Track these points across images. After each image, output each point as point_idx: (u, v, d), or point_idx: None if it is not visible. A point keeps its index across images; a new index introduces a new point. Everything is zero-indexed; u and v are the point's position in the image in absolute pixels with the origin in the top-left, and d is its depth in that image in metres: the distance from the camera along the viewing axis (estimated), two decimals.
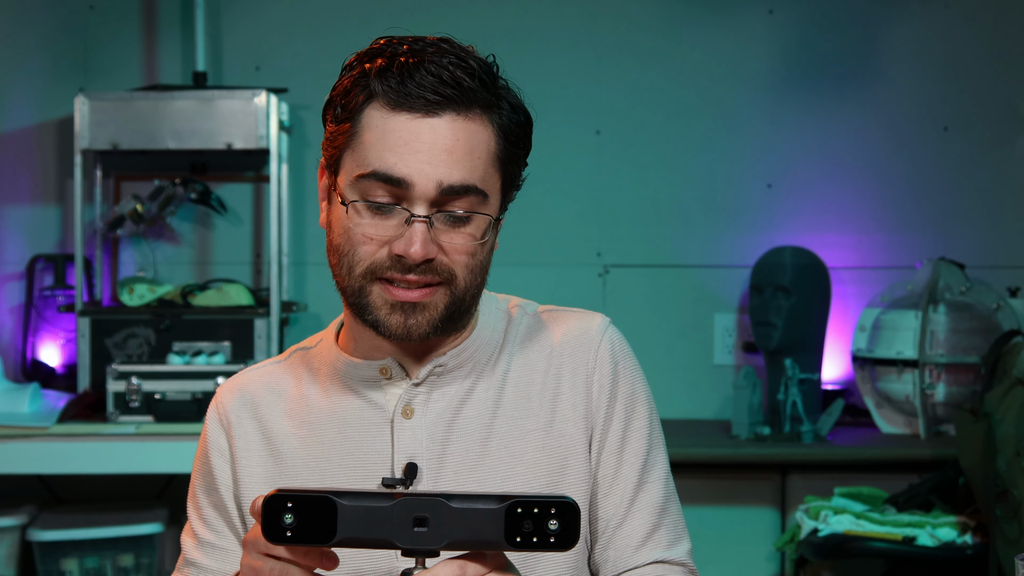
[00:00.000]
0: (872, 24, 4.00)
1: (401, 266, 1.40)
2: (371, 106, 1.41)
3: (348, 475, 1.48)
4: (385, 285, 1.42)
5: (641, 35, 4.00)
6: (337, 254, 1.44)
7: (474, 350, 1.52)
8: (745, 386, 3.59)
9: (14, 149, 3.95)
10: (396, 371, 1.49)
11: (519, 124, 1.47)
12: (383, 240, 1.41)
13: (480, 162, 1.42)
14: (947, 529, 3.06)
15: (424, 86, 1.39)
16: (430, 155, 1.39)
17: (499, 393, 1.51)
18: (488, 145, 1.43)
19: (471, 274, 1.44)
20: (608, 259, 4.01)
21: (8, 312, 3.93)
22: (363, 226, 1.41)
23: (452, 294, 1.43)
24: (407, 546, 1.18)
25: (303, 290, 3.99)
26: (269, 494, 1.19)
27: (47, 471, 3.56)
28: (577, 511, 1.19)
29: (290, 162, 3.92)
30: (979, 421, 3.00)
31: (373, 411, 1.50)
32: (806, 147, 4.00)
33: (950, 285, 3.71)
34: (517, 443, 1.49)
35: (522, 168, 1.50)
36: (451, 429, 1.49)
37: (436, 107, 1.39)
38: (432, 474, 1.47)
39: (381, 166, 1.40)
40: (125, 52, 3.97)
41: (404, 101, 1.39)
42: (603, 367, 1.53)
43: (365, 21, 3.96)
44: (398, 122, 1.40)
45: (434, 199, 1.40)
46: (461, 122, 1.40)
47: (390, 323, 1.43)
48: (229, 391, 1.56)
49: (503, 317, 1.57)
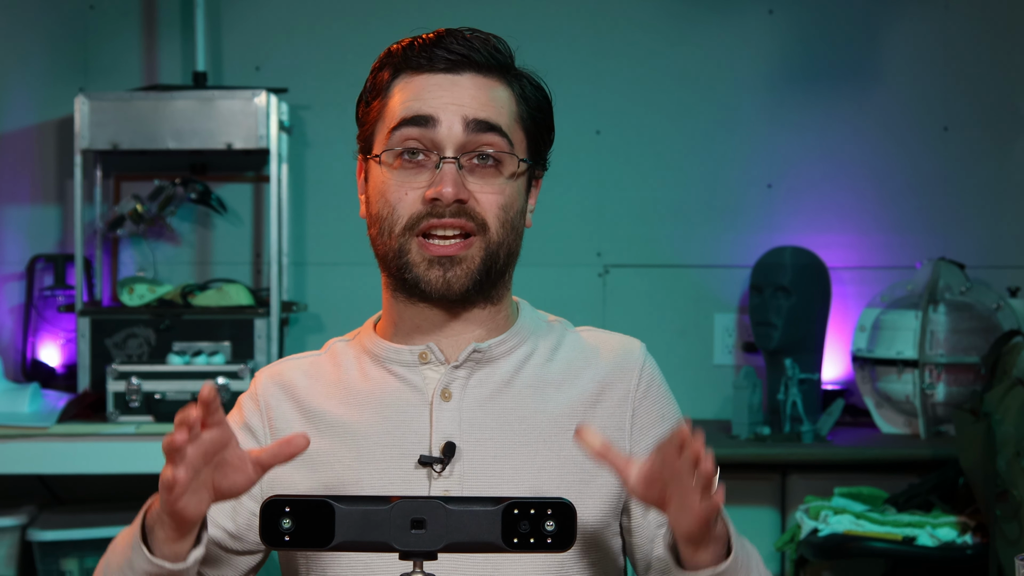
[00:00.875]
0: (872, 24, 4.00)
1: (436, 212, 1.47)
2: (398, 78, 1.52)
3: (386, 454, 1.50)
4: (423, 241, 1.48)
5: (641, 35, 4.00)
6: (377, 222, 1.51)
7: (514, 343, 1.56)
8: (745, 386, 3.59)
9: (14, 149, 3.95)
10: (435, 355, 1.53)
11: (539, 99, 1.56)
12: (418, 188, 1.48)
13: (504, 111, 1.51)
14: (947, 529, 3.06)
15: (446, 49, 1.49)
16: (454, 96, 1.48)
17: (539, 387, 1.54)
18: (509, 104, 1.52)
19: (503, 228, 1.50)
20: (608, 259, 4.01)
21: (8, 312, 3.93)
22: (397, 179, 1.49)
23: (487, 248, 1.49)
24: (405, 548, 1.19)
25: (303, 290, 3.99)
26: (266, 500, 1.19)
27: (47, 471, 3.56)
28: (573, 512, 1.19)
29: (290, 162, 3.92)
30: (979, 421, 3.00)
31: (412, 393, 1.53)
32: (806, 147, 4.00)
33: (950, 285, 3.71)
34: (555, 437, 1.52)
35: (548, 143, 1.59)
36: (489, 414, 1.52)
37: (457, 66, 1.49)
38: (470, 456, 1.49)
39: (407, 112, 1.48)
40: (125, 52, 3.97)
41: (427, 63, 1.50)
42: (643, 387, 1.58)
43: (365, 21, 3.96)
44: (422, 80, 1.50)
45: (462, 140, 1.48)
46: (482, 79, 1.51)
47: (430, 277, 1.48)
48: (267, 376, 1.59)
49: (544, 321, 1.62)
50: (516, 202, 1.52)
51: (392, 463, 1.49)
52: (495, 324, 1.55)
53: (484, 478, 1.49)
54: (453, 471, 1.48)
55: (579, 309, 3.94)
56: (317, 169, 3.99)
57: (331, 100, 3.94)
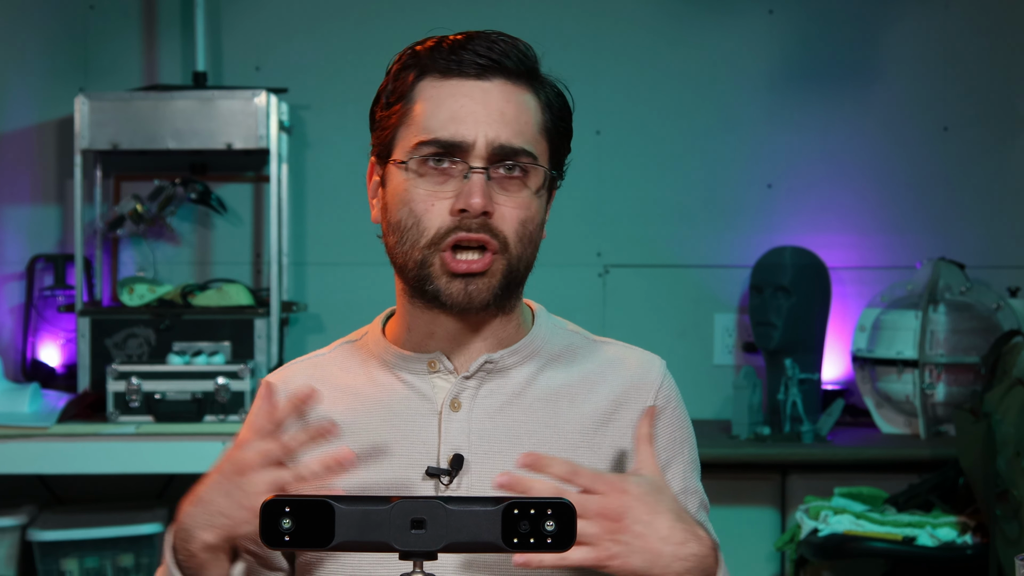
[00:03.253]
0: (872, 24, 4.00)
1: (464, 225, 1.44)
2: (423, 81, 1.47)
3: (392, 464, 1.49)
4: (448, 257, 1.45)
5: (641, 35, 4.00)
6: (399, 231, 1.47)
7: (527, 354, 1.54)
8: (745, 386, 3.59)
9: (14, 149, 3.95)
10: (444, 364, 1.51)
11: (562, 106, 1.54)
12: (445, 198, 1.45)
13: (529, 127, 1.48)
14: (947, 529, 3.06)
15: (475, 52, 1.46)
16: (485, 115, 1.45)
17: (551, 400, 1.53)
18: (536, 114, 1.50)
19: (521, 243, 1.48)
20: (608, 259, 4.01)
21: (8, 312, 3.93)
22: (424, 187, 1.45)
23: (508, 263, 1.47)
24: (405, 548, 1.19)
25: (303, 290, 3.99)
26: (267, 499, 1.19)
27: (47, 471, 3.56)
28: (573, 512, 1.19)
29: (290, 162, 3.92)
30: (979, 421, 3.00)
31: (421, 402, 1.51)
32: (806, 147, 4.00)
33: (950, 285, 3.71)
34: (565, 453, 1.49)
35: (566, 152, 1.57)
36: (499, 427, 1.50)
37: (487, 72, 1.46)
38: (479, 469, 1.48)
39: (438, 130, 1.45)
40: (125, 52, 3.97)
41: (455, 68, 1.46)
42: (659, 408, 1.54)
43: (365, 21, 3.96)
44: (451, 87, 1.46)
45: (488, 157, 1.45)
46: (511, 87, 1.47)
47: (451, 290, 1.46)
48: (277, 381, 1.57)
49: (563, 330, 1.60)
50: (537, 216, 1.50)
51: (399, 472, 1.48)
52: (507, 334, 1.53)
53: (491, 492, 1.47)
54: (460, 483, 1.47)
55: (579, 309, 3.94)
56: (317, 169, 3.99)
57: (331, 100, 3.94)
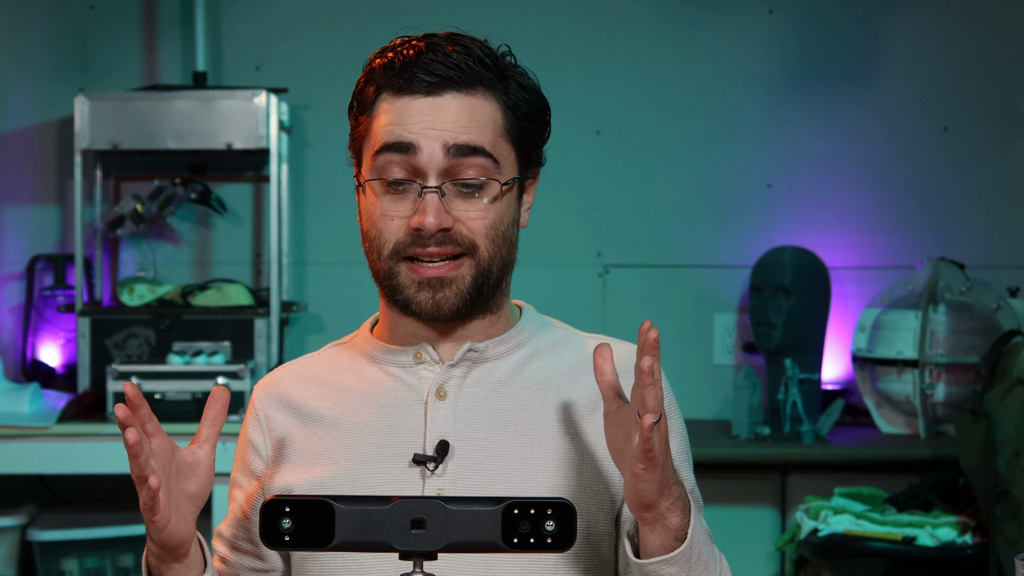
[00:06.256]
0: (872, 24, 4.00)
1: (421, 241, 1.46)
2: (380, 97, 1.49)
3: (380, 453, 1.51)
4: (411, 264, 1.48)
5: (641, 35, 4.00)
6: (367, 240, 1.51)
7: (513, 344, 1.56)
8: (745, 386, 3.59)
9: (14, 149, 3.95)
10: (429, 355, 1.53)
11: (530, 103, 1.52)
12: (402, 216, 1.47)
13: (487, 130, 1.48)
14: (947, 529, 3.06)
15: (425, 70, 1.46)
16: (435, 121, 1.46)
17: (537, 388, 1.54)
18: (494, 118, 1.49)
19: (493, 244, 1.49)
20: (608, 259, 4.01)
21: (8, 312, 3.93)
22: (382, 206, 1.48)
23: (477, 266, 1.48)
24: (405, 548, 1.19)
25: (303, 290, 3.99)
26: (266, 500, 1.19)
27: (47, 471, 3.56)
28: (573, 512, 1.19)
29: (290, 162, 3.92)
30: (979, 421, 3.00)
31: (407, 392, 1.53)
32: (806, 147, 4.00)
33: (950, 285, 3.71)
34: (551, 438, 1.51)
35: (539, 145, 1.55)
36: (484, 413, 1.52)
37: (437, 87, 1.46)
38: (464, 455, 1.49)
39: (389, 138, 1.46)
40: (125, 52, 3.97)
41: (407, 86, 1.47)
42: None
43: (365, 21, 3.96)
44: (403, 104, 1.47)
45: (444, 166, 1.45)
46: (463, 98, 1.47)
47: (420, 300, 1.48)
48: (262, 389, 1.61)
49: (548, 325, 1.62)
50: (505, 216, 1.50)
51: (387, 461, 1.50)
52: (494, 331, 1.56)
53: (478, 477, 1.49)
54: (447, 470, 1.49)
55: (579, 309, 3.95)
56: (317, 169, 3.99)
57: (331, 100, 3.94)
